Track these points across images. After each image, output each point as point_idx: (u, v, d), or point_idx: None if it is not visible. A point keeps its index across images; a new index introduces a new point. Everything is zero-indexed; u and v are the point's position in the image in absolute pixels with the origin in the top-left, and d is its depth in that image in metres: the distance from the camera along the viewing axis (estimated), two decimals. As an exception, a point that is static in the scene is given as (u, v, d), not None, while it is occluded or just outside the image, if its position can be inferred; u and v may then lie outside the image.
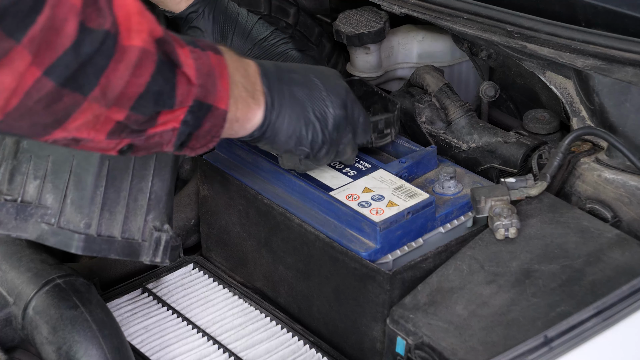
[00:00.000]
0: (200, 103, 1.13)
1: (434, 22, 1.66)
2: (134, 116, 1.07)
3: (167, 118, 1.11)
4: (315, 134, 1.31)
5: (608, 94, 1.44)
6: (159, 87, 1.07)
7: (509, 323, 1.19)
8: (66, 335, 1.28)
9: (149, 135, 1.11)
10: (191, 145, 1.18)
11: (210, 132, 1.18)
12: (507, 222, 1.32)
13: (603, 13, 1.52)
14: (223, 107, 1.17)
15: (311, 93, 1.31)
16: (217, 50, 1.19)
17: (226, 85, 1.17)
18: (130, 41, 1.03)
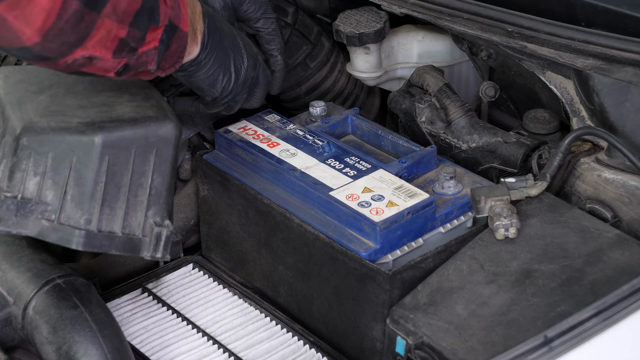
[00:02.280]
0: (171, 23, 1.24)
1: (434, 22, 1.66)
2: (132, 32, 1.18)
3: (152, 36, 1.21)
4: (228, 82, 1.42)
5: (608, 94, 1.44)
6: (151, 4, 1.19)
7: (509, 323, 1.20)
8: (66, 335, 1.28)
9: (139, 54, 1.22)
10: (162, 65, 1.28)
11: (176, 53, 1.29)
12: (507, 222, 1.32)
13: (603, 13, 1.52)
14: (185, 29, 1.28)
15: (235, 47, 1.43)
16: None
17: (186, 11, 1.28)
18: None
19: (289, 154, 1.53)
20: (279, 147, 1.54)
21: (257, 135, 1.58)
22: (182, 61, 1.32)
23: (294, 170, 1.48)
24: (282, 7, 1.89)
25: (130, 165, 1.31)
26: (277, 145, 1.55)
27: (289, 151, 1.53)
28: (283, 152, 1.53)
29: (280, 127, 1.60)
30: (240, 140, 1.57)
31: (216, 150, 1.60)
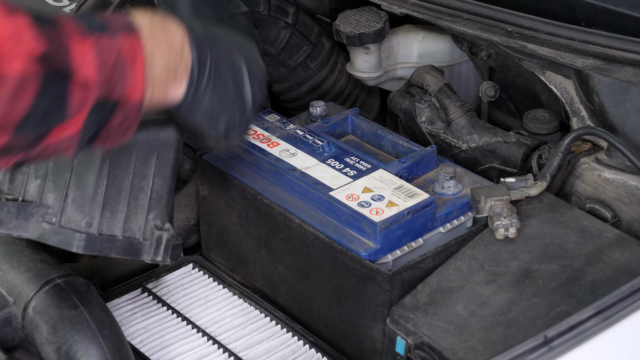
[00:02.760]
0: (103, 103, 1.06)
1: (434, 22, 1.66)
2: (18, 138, 1.01)
3: (62, 128, 1.04)
4: (232, 116, 1.25)
5: (608, 94, 1.44)
6: (45, 107, 1.00)
7: (509, 323, 1.19)
8: (66, 335, 1.28)
9: (42, 148, 1.05)
10: (101, 139, 1.11)
11: (122, 125, 1.11)
12: (507, 222, 1.32)
13: (603, 13, 1.52)
14: (135, 100, 1.09)
15: (234, 72, 1.23)
16: (132, 27, 1.09)
17: (140, 72, 1.09)
18: (6, 69, 0.95)
19: (289, 154, 1.53)
20: (279, 147, 1.54)
21: (257, 135, 1.58)
22: (133, 130, 1.13)
23: (294, 170, 1.48)
24: (283, 8, 1.89)
25: (131, 168, 1.32)
26: (277, 145, 1.55)
27: (289, 151, 1.53)
28: (283, 152, 1.53)
29: (280, 127, 1.60)
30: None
31: (216, 150, 1.60)
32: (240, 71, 1.23)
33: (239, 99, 1.24)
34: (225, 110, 1.23)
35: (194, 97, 1.18)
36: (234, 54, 1.23)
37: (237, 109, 1.24)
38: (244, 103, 1.25)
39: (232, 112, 1.24)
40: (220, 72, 1.20)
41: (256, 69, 1.26)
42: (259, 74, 1.27)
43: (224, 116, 1.24)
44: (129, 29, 1.08)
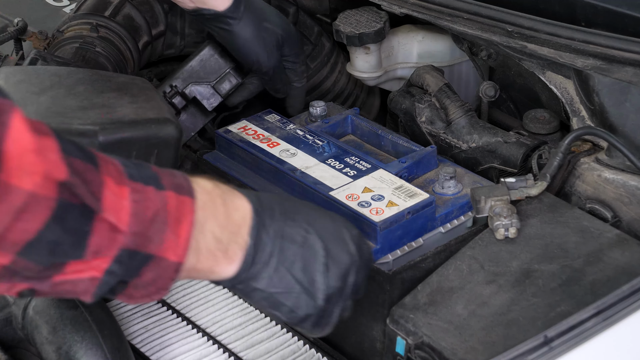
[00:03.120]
0: (133, 252, 0.98)
1: (434, 22, 1.66)
2: (22, 262, 0.93)
3: (81, 267, 0.96)
4: (296, 305, 1.13)
5: (608, 94, 1.44)
6: (56, 237, 0.93)
7: (509, 323, 1.19)
8: (66, 335, 1.28)
9: (55, 282, 0.96)
10: (128, 293, 1.03)
11: (154, 283, 1.02)
12: (507, 222, 1.32)
13: (603, 13, 1.52)
14: (172, 259, 1.01)
15: (306, 255, 1.12)
16: (186, 190, 1.04)
17: (184, 233, 1.02)
18: (18, 181, 0.89)
19: (289, 154, 1.53)
20: (279, 147, 1.54)
21: (257, 135, 1.58)
22: (166, 291, 1.04)
23: (294, 170, 1.48)
24: (283, 8, 1.89)
25: None
26: (277, 145, 1.55)
27: (289, 151, 1.53)
28: (283, 152, 1.53)
29: (280, 127, 1.60)
30: (240, 140, 1.57)
31: (216, 150, 1.60)
32: (312, 255, 1.13)
33: (306, 292, 1.13)
34: (287, 296, 1.13)
35: (248, 278, 1.10)
36: (310, 239, 1.13)
37: (304, 300, 1.13)
38: (313, 295, 1.13)
39: (296, 301, 1.13)
40: (286, 257, 1.11)
41: (340, 257, 1.15)
42: (343, 263, 1.15)
43: (286, 303, 1.13)
44: (181, 189, 1.03)
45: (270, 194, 1.16)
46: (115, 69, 1.65)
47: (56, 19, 1.82)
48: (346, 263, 1.15)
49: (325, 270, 1.13)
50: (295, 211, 1.15)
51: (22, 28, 1.78)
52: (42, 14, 1.96)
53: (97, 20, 1.71)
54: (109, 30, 1.70)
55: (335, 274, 1.14)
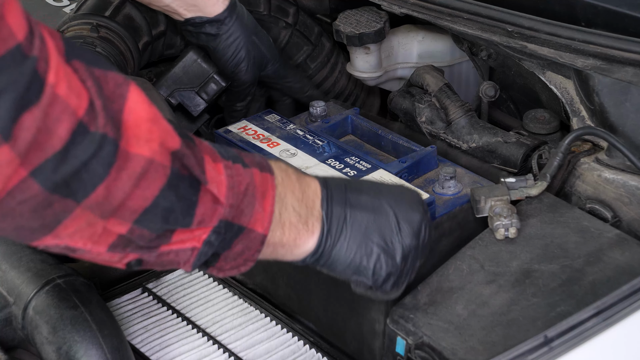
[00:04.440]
0: (229, 224, 1.04)
1: (434, 22, 1.66)
2: (138, 230, 0.97)
3: (185, 236, 1.02)
4: (378, 265, 1.17)
5: (608, 94, 1.44)
6: (170, 204, 0.97)
7: (509, 323, 1.20)
8: (66, 335, 1.28)
9: (161, 252, 1.01)
10: (219, 265, 1.08)
11: (242, 255, 1.08)
12: (507, 222, 1.32)
13: (603, 13, 1.52)
14: (260, 230, 1.08)
15: (378, 220, 1.17)
16: (266, 168, 1.10)
17: (268, 207, 1.08)
18: (137, 149, 0.93)
19: (289, 154, 1.53)
20: (279, 147, 1.54)
21: (257, 135, 1.58)
22: (252, 263, 1.10)
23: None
24: (283, 8, 1.89)
25: None
26: (277, 145, 1.55)
27: (289, 151, 1.53)
28: (283, 152, 1.53)
29: (280, 127, 1.60)
30: (240, 140, 1.57)
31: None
32: (384, 218, 1.18)
33: (385, 252, 1.17)
34: (367, 259, 1.17)
35: (329, 249, 1.15)
36: (379, 205, 1.18)
37: (383, 261, 1.18)
38: (392, 254, 1.18)
39: (377, 263, 1.17)
40: (360, 223, 1.16)
41: (410, 217, 1.19)
42: (415, 222, 1.19)
43: (368, 266, 1.17)
44: (262, 166, 1.09)
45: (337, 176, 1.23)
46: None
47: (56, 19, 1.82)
48: (417, 222, 1.19)
49: (398, 230, 1.18)
50: (360, 185, 1.20)
51: (22, 28, 1.78)
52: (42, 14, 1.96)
53: (97, 20, 1.71)
54: (109, 31, 1.70)
55: (408, 233, 1.18)
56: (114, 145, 0.91)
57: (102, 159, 0.90)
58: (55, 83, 0.87)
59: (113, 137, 0.91)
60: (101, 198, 0.92)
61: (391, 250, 1.18)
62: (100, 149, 0.90)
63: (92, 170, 0.90)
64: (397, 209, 1.19)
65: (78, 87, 0.89)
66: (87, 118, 0.89)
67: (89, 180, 0.90)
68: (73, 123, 0.88)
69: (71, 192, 0.90)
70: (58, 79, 0.87)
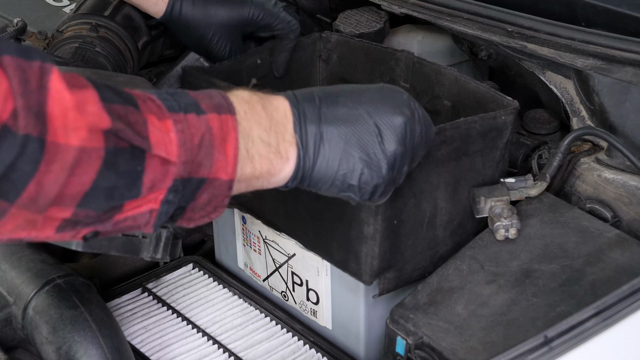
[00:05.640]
0: (186, 180, 1.01)
1: (434, 22, 1.66)
2: (83, 212, 0.96)
3: (138, 203, 0.99)
4: (363, 180, 1.12)
5: (608, 94, 1.44)
6: (111, 182, 0.95)
7: (509, 323, 1.20)
8: (66, 335, 1.28)
9: (116, 220, 0.99)
10: (187, 217, 1.06)
11: (210, 203, 1.06)
12: (507, 223, 1.32)
13: (603, 13, 1.52)
14: (224, 177, 1.04)
15: (357, 131, 1.11)
16: (225, 108, 1.06)
17: (231, 150, 1.04)
18: (65, 139, 0.91)
19: (289, 154, 1.52)
20: (279, 147, 1.54)
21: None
22: (223, 209, 1.07)
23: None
24: (283, 8, 1.89)
25: None
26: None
27: (289, 151, 1.53)
28: (283, 152, 1.53)
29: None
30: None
31: None
32: (364, 127, 1.12)
33: (368, 165, 1.12)
34: (351, 174, 1.12)
35: (309, 171, 1.11)
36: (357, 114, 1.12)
37: (367, 173, 1.12)
38: (376, 166, 1.12)
39: (362, 175, 1.12)
40: (337, 138, 1.11)
41: (392, 122, 1.13)
42: (397, 127, 1.12)
43: (352, 181, 1.12)
44: (220, 107, 1.05)
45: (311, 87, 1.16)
46: (115, 68, 1.65)
47: (56, 19, 1.82)
48: (401, 125, 1.12)
49: (380, 139, 1.12)
50: (337, 94, 1.14)
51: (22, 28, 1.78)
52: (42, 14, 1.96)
53: (96, 20, 1.71)
54: (109, 30, 1.70)
55: (391, 139, 1.12)
56: (38, 142, 0.89)
57: (27, 157, 0.89)
58: None
59: (37, 134, 0.89)
60: (34, 194, 0.91)
61: (375, 162, 1.12)
62: (24, 148, 0.88)
63: (19, 170, 0.89)
64: (377, 115, 1.12)
65: (4, 90, 0.87)
66: (11, 121, 0.87)
67: (18, 179, 0.89)
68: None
69: (2, 193, 0.89)
70: None
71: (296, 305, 1.51)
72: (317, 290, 1.46)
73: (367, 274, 1.32)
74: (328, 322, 1.47)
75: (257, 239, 1.54)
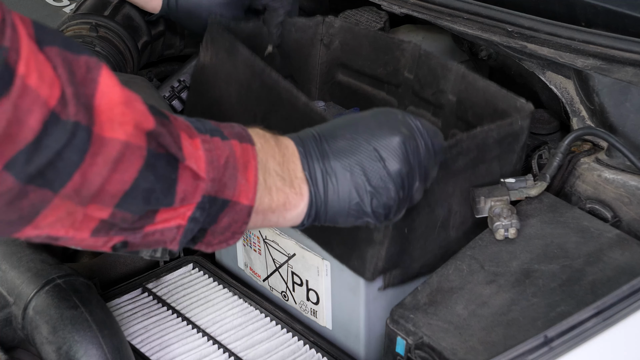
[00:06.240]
0: (212, 198, 1.02)
1: (434, 22, 1.66)
2: (120, 214, 0.96)
3: (169, 215, 1.00)
4: (375, 205, 1.14)
5: (608, 94, 1.44)
6: (150, 185, 0.96)
7: (509, 323, 1.20)
8: (66, 335, 1.28)
9: (146, 232, 1.01)
10: (207, 241, 1.07)
11: (230, 228, 1.07)
12: (507, 223, 1.32)
13: (603, 13, 1.52)
14: (245, 202, 1.06)
15: (360, 160, 1.13)
16: (246, 137, 1.08)
17: (252, 177, 1.06)
18: (111, 133, 0.92)
19: (289, 154, 1.52)
20: (279, 147, 1.54)
21: (257, 135, 1.57)
22: (240, 235, 1.09)
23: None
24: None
25: None
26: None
27: (289, 151, 1.53)
28: (283, 152, 1.53)
29: (280, 127, 1.60)
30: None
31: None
32: (365, 154, 1.13)
33: (377, 190, 1.13)
34: (362, 201, 1.13)
35: (323, 207, 1.13)
36: (356, 144, 1.14)
37: (380, 195, 1.13)
38: (385, 189, 1.13)
39: (375, 199, 1.14)
40: (342, 171, 1.13)
41: (390, 143, 1.14)
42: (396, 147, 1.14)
43: (367, 206, 1.13)
44: (241, 136, 1.08)
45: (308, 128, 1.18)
46: (115, 68, 1.65)
47: (56, 19, 1.82)
48: (399, 146, 1.14)
49: (382, 163, 1.13)
50: (334, 129, 1.16)
51: (22, 28, 1.78)
52: (42, 14, 1.96)
53: (96, 20, 1.71)
54: (109, 30, 1.70)
55: (393, 160, 1.13)
56: (87, 131, 0.90)
57: (75, 146, 0.89)
58: (26, 74, 0.85)
59: (86, 123, 0.90)
60: (78, 185, 0.91)
61: (382, 186, 1.13)
62: (73, 136, 0.89)
63: (66, 158, 0.89)
64: (375, 140, 1.14)
65: (50, 76, 0.88)
66: (59, 107, 0.88)
67: (64, 169, 0.89)
68: (45, 114, 0.87)
69: (47, 182, 0.89)
70: (29, 69, 0.86)
71: (296, 305, 1.51)
72: (317, 290, 1.46)
73: (370, 272, 1.32)
74: (328, 322, 1.47)
75: (257, 239, 1.54)
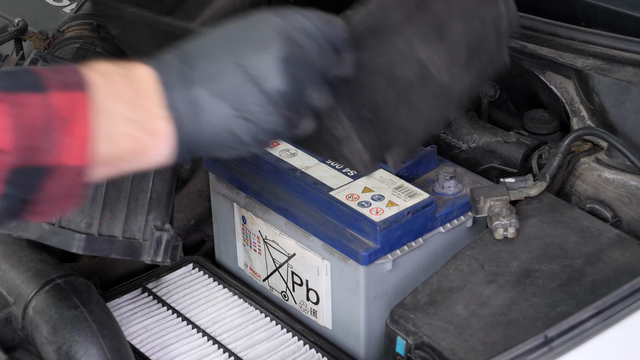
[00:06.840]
0: (23, 169, 0.90)
1: (434, 22, 1.65)
2: None
3: None
4: (256, 130, 0.99)
5: (608, 94, 1.44)
6: None
7: (509, 323, 1.20)
8: (66, 335, 1.28)
9: None
10: (38, 210, 0.95)
11: (61, 192, 0.94)
12: (506, 222, 1.32)
13: (603, 13, 1.52)
14: (73, 163, 0.92)
15: (230, 83, 0.98)
16: (75, 84, 0.94)
17: (82, 131, 0.92)
18: None
19: (289, 153, 1.53)
20: (278, 147, 1.54)
21: (257, 136, 1.57)
22: (77, 196, 0.95)
23: (294, 170, 1.48)
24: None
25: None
26: (277, 145, 1.55)
27: (289, 151, 1.53)
28: (283, 152, 1.53)
29: (281, 127, 1.59)
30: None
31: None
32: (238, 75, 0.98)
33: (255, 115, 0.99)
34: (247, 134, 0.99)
35: (195, 140, 0.99)
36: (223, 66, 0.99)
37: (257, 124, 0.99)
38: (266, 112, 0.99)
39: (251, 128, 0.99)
40: (213, 100, 0.98)
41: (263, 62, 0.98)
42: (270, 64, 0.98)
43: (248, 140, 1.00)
44: (69, 85, 0.93)
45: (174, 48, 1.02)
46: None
47: (56, 19, 1.83)
48: (274, 62, 0.98)
49: (254, 83, 0.98)
50: (200, 45, 1.01)
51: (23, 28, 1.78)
52: (42, 14, 1.96)
53: (97, 20, 1.71)
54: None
55: (271, 80, 0.98)
56: None
57: None
58: None
59: None
60: None
61: (260, 111, 0.98)
62: None
63: None
64: (244, 59, 0.98)
65: None
66: None
67: None
68: None
69: None
70: None
71: (296, 305, 1.51)
72: (317, 290, 1.46)
73: (362, 167, 1.18)
74: (328, 322, 1.47)
75: (257, 239, 1.54)
